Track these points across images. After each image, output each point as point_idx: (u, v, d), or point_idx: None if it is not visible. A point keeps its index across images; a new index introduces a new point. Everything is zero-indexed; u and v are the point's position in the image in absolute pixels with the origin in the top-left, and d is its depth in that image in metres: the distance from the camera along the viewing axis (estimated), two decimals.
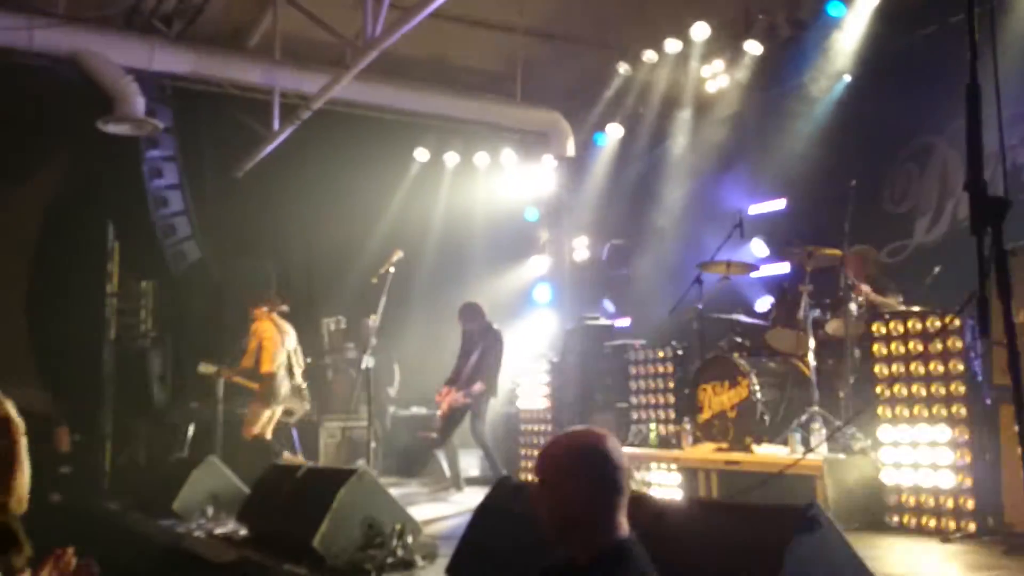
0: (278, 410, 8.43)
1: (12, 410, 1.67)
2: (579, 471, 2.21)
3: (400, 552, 4.72)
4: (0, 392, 2.34)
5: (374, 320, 7.64)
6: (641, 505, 3.55)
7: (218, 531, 6.22)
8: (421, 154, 11.46)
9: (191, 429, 9.17)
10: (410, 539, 4.84)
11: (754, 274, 7.67)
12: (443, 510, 7.14)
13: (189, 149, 10.15)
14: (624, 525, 2.23)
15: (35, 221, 10.85)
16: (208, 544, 5.88)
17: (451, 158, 11.56)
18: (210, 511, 6.74)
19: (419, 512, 5.50)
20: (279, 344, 8.41)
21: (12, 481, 1.64)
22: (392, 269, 7.59)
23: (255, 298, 8.69)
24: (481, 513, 4.14)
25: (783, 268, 8.12)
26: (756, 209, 8.71)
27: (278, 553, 5.06)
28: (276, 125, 9.56)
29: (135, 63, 9.00)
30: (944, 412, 5.31)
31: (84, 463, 9.72)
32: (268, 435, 8.39)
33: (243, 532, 6.04)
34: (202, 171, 10.56)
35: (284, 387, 8.38)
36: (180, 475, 7.02)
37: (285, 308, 9.23)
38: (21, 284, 10.81)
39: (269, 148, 9.83)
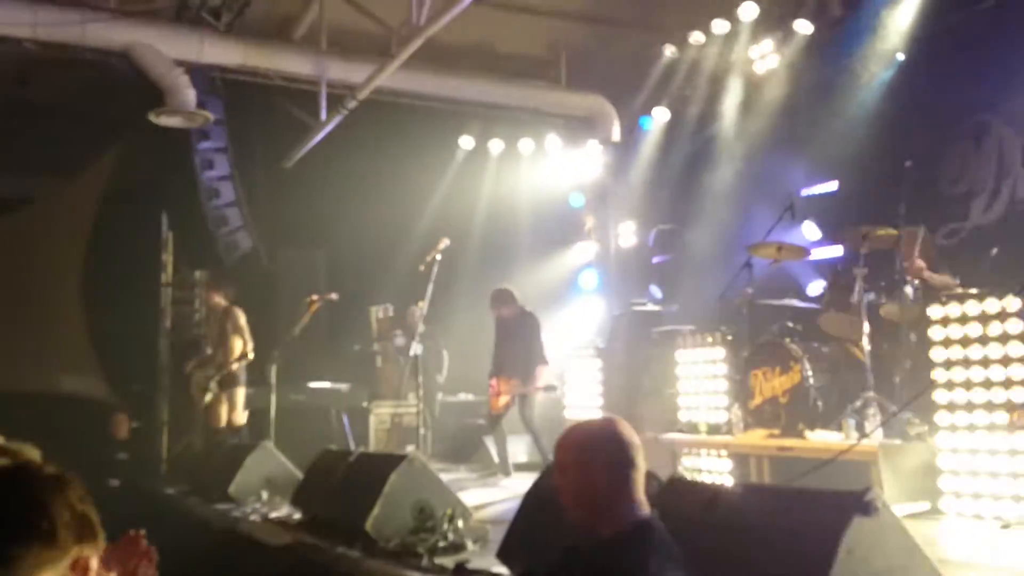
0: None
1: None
2: (596, 453, 2.40)
3: (451, 536, 4.76)
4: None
5: (422, 307, 7.69)
6: (693, 490, 3.54)
7: (273, 515, 6.33)
8: (466, 141, 11.47)
9: (245, 415, 9.32)
10: (460, 523, 4.89)
11: (806, 258, 7.55)
12: (492, 495, 7.18)
13: (239, 140, 10.28)
14: (644, 503, 2.40)
15: (90, 213, 11.12)
16: (263, 528, 5.98)
17: (496, 145, 11.55)
18: (265, 495, 6.86)
19: (469, 497, 5.54)
20: None
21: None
22: (439, 257, 7.62)
23: (218, 285, 9.09)
24: (530, 498, 4.14)
25: (836, 251, 7.99)
26: (808, 191, 8.58)
27: (331, 536, 5.14)
28: (323, 115, 9.65)
29: (185, 56, 9.12)
30: (1003, 396, 5.20)
31: (141, 449, 9.96)
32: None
33: (297, 516, 6.14)
34: (252, 162, 10.71)
35: None
36: (235, 461, 7.15)
37: (335, 297, 9.35)
38: (78, 274, 11.09)
39: (317, 138, 9.92)
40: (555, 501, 4.00)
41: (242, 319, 8.85)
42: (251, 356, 8.78)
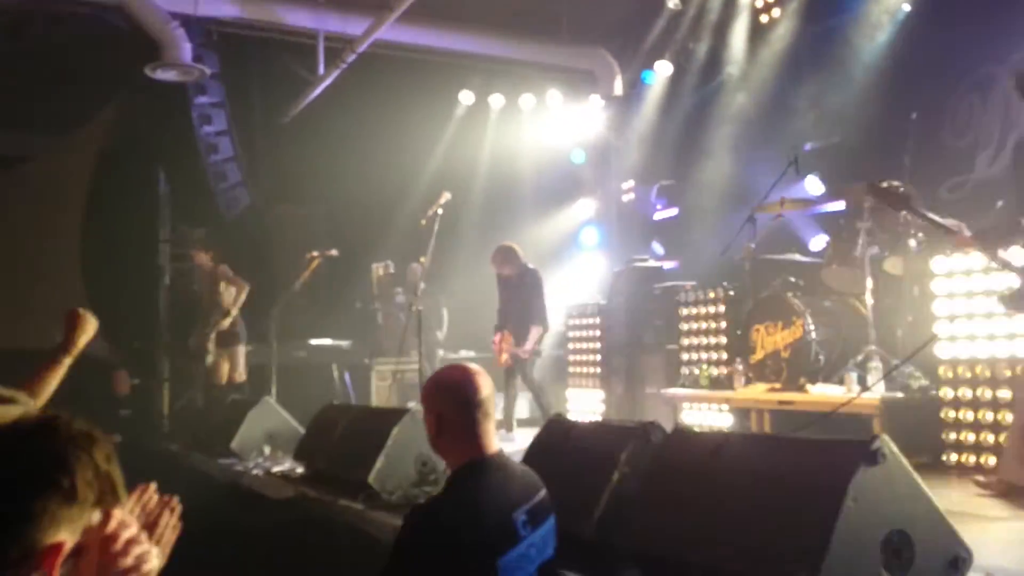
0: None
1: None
2: (440, 395, 2.69)
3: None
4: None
5: (423, 263, 7.65)
6: (699, 439, 3.54)
7: (276, 469, 6.36)
8: (466, 96, 11.33)
9: (246, 373, 9.34)
10: None
11: (809, 211, 7.50)
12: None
13: (236, 95, 10.16)
14: (489, 445, 2.65)
15: (88, 169, 11.03)
16: (267, 482, 6.01)
17: (496, 100, 11.43)
18: (267, 450, 6.89)
19: None
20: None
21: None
22: (440, 211, 7.56)
23: (204, 245, 9.22)
24: (533, 450, 4.15)
25: (839, 205, 7.94)
26: (812, 145, 8.49)
27: (334, 490, 5.16)
28: (321, 69, 9.53)
29: (181, 8, 8.97)
30: (1006, 350, 5.19)
31: (143, 406, 9.99)
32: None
33: (300, 470, 6.16)
34: (250, 117, 10.60)
35: None
36: (237, 416, 7.17)
37: (335, 253, 9.32)
38: (76, 231, 11.03)
39: (315, 93, 9.80)
40: (561, 453, 4.01)
41: (239, 284, 8.84)
42: (233, 314, 8.82)
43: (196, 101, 9.65)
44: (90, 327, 3.42)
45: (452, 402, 2.64)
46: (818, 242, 8.19)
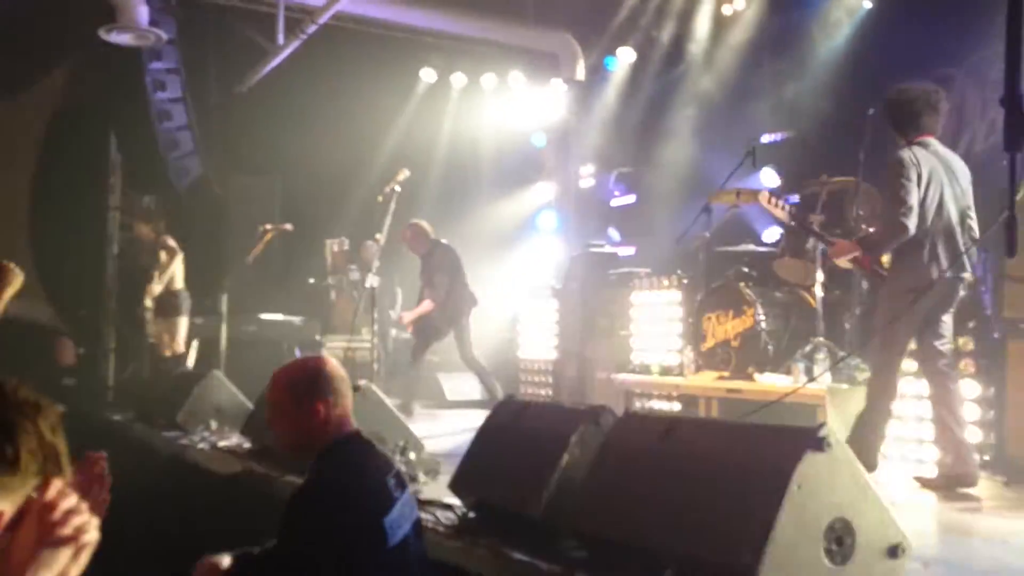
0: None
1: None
2: (292, 386, 2.81)
3: (403, 468, 4.74)
4: None
5: (379, 240, 7.59)
6: (649, 422, 3.56)
7: (222, 444, 6.27)
8: (428, 74, 11.25)
9: (195, 344, 9.20)
10: (413, 455, 4.88)
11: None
12: (442, 428, 7.21)
13: (193, 62, 9.94)
14: (342, 424, 2.80)
15: (37, 132, 10.71)
16: (212, 456, 5.93)
17: (458, 79, 11.36)
18: (214, 425, 6.78)
19: (419, 430, 5.53)
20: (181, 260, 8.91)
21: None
22: (398, 188, 7.50)
23: (148, 219, 9.08)
24: (485, 431, 4.15)
25: (793, 198, 8.02)
26: (768, 137, 8.56)
27: (281, 466, 5.10)
28: (281, 39, 9.34)
29: None
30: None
31: (88, 376, 9.79)
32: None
33: (247, 445, 6.08)
34: (206, 85, 10.39)
35: None
36: (184, 389, 7.05)
37: (289, 227, 9.20)
38: (24, 196, 10.73)
39: (273, 63, 9.63)
40: (512, 433, 4.02)
41: (170, 251, 8.72)
42: (162, 280, 8.75)
43: (150, 66, 9.43)
44: (16, 280, 3.33)
45: (310, 391, 2.78)
46: (771, 234, 8.28)
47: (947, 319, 4.88)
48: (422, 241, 8.35)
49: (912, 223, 4.68)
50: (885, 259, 5.09)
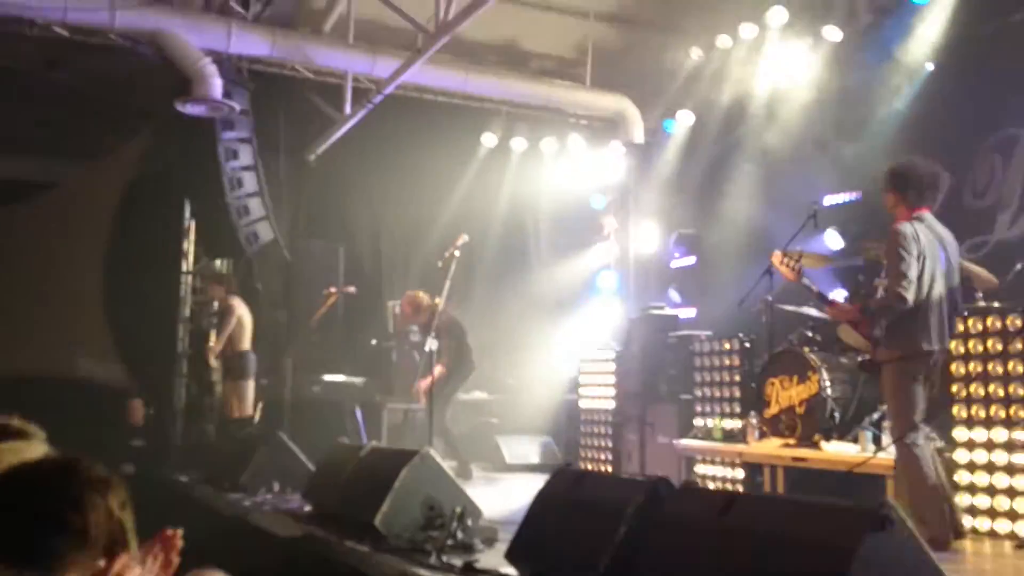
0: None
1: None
2: None
3: (460, 535, 4.74)
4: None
5: (439, 304, 7.68)
6: (706, 496, 3.51)
7: (283, 507, 6.34)
8: (489, 139, 11.44)
9: (260, 406, 9.36)
10: (470, 522, 4.87)
11: (827, 266, 7.49)
12: (502, 495, 7.16)
13: (264, 131, 10.31)
14: None
15: (115, 198, 11.18)
16: (273, 519, 5.99)
17: (518, 143, 11.53)
18: (276, 487, 6.88)
19: (479, 496, 5.53)
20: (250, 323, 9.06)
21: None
22: (457, 253, 7.61)
23: (220, 280, 9.33)
24: (541, 499, 4.13)
25: (857, 260, 7.91)
26: (831, 200, 8.48)
27: (341, 530, 5.14)
28: (348, 109, 9.66)
29: (213, 45, 9.16)
30: (1022, 413, 5.13)
31: (156, 436, 10.01)
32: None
33: (307, 508, 6.15)
34: (276, 153, 10.74)
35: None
36: (248, 451, 7.18)
37: (352, 290, 9.37)
38: (100, 260, 11.16)
39: (341, 131, 9.94)
40: (568, 503, 3.99)
41: (240, 312, 8.93)
42: (246, 348, 8.94)
43: (223, 136, 9.80)
44: None
45: None
46: (836, 296, 8.13)
47: (922, 391, 4.95)
48: (421, 312, 8.53)
49: (911, 296, 4.85)
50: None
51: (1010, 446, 5.17)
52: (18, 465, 1.58)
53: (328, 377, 10.00)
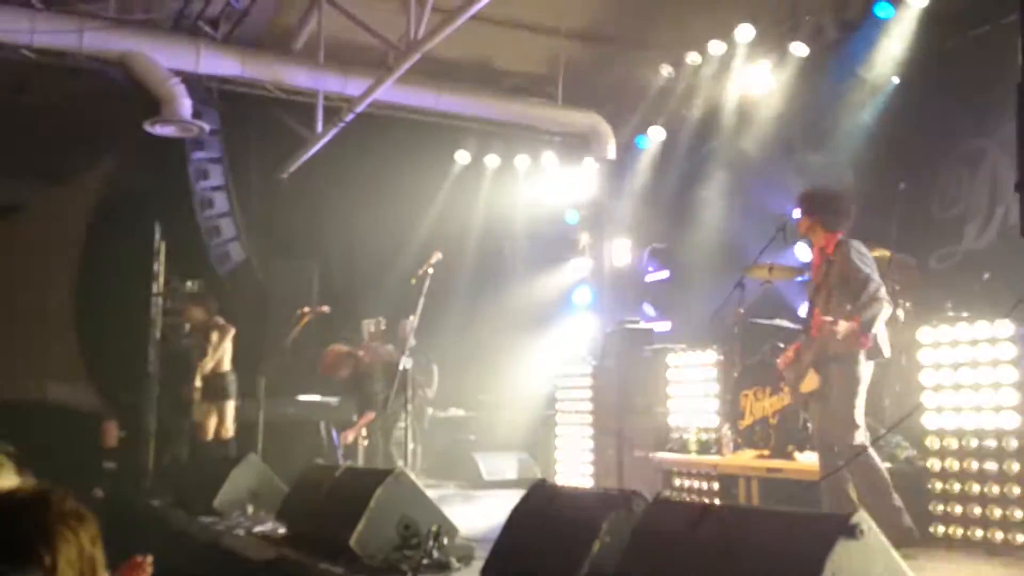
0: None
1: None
2: None
3: (436, 554, 4.71)
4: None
5: (412, 321, 7.66)
6: (679, 510, 3.52)
7: (257, 529, 6.28)
8: (462, 156, 11.47)
9: (233, 429, 9.26)
10: (446, 541, 4.84)
11: (798, 278, 7.55)
12: (479, 512, 7.13)
13: (234, 151, 10.28)
14: None
15: (84, 220, 11.09)
16: (247, 542, 5.93)
17: (492, 160, 11.56)
18: (250, 509, 6.81)
19: (455, 513, 5.50)
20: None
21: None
22: (431, 270, 7.60)
23: (199, 301, 9.19)
24: (516, 516, 4.12)
25: None
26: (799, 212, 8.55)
27: (315, 552, 5.09)
28: (319, 127, 9.63)
29: (182, 66, 9.11)
30: (993, 421, 5.18)
31: (129, 459, 9.89)
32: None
33: (282, 530, 6.09)
34: (247, 173, 10.69)
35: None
36: (221, 473, 7.10)
37: (326, 309, 9.32)
38: (69, 282, 11.05)
39: (312, 150, 9.90)
40: (544, 519, 3.98)
41: (223, 329, 8.86)
42: (216, 357, 8.82)
43: (193, 156, 9.76)
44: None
45: None
46: (806, 308, 8.20)
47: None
48: (344, 363, 8.69)
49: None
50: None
51: (980, 453, 5.21)
52: None
53: (302, 397, 9.94)
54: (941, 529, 5.33)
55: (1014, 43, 6.84)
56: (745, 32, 8.84)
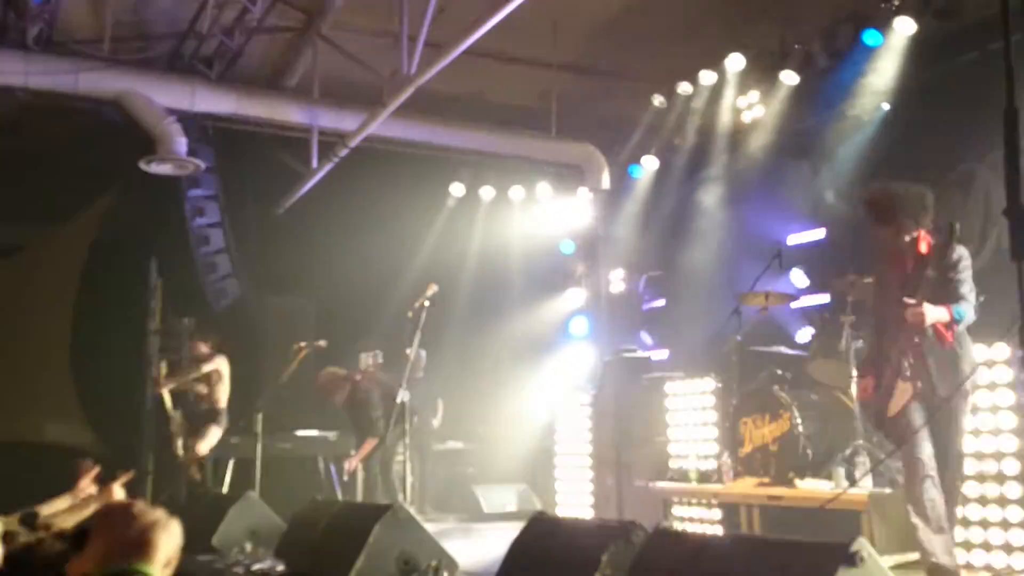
0: None
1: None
2: None
3: None
4: None
5: (408, 355, 7.65)
6: (679, 541, 3.50)
7: (256, 567, 6.21)
8: (457, 189, 11.53)
9: (231, 465, 9.22)
10: (446, 575, 4.81)
11: (794, 304, 7.57)
12: (479, 545, 7.08)
13: (230, 188, 10.31)
14: None
15: (79, 259, 11.07)
16: None
17: (486, 192, 11.62)
18: (248, 547, 6.74)
19: (455, 547, 5.45)
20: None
21: None
22: (427, 303, 7.60)
23: (204, 338, 9.16)
24: (515, 549, 4.09)
25: (823, 299, 8.01)
26: (795, 239, 8.61)
27: None
28: (315, 163, 9.69)
29: (177, 104, 9.18)
30: (992, 444, 5.17)
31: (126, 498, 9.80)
32: None
33: (280, 568, 6.03)
34: (243, 209, 10.72)
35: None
36: (219, 511, 7.04)
37: (323, 344, 9.30)
38: (65, 321, 11.02)
39: (308, 186, 9.95)
40: (544, 552, 3.96)
41: (226, 367, 8.84)
42: (224, 406, 8.86)
43: (189, 194, 9.79)
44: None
45: None
46: (804, 335, 8.22)
47: None
48: (339, 385, 8.73)
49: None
50: None
51: (980, 477, 5.19)
52: None
53: (300, 432, 9.89)
54: (964, 556, 5.28)
55: (1001, 68, 6.97)
56: (736, 61, 8.94)
